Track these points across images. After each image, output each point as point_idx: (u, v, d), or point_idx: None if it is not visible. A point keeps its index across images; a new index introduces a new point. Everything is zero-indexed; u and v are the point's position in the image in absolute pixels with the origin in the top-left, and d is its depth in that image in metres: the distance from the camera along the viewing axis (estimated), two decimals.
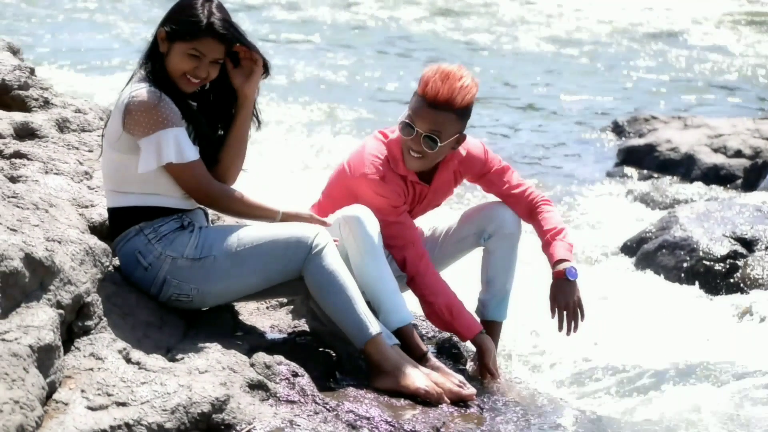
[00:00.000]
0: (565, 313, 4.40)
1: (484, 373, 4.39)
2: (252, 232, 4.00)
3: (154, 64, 3.97)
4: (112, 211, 4.04)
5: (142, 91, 3.90)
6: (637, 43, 17.89)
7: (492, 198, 4.64)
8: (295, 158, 10.13)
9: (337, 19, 18.84)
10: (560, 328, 4.42)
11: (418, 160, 4.31)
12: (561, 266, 4.41)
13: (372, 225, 4.15)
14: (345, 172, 4.37)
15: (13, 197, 3.84)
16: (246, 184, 4.19)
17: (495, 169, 4.54)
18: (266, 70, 4.09)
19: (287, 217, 4.07)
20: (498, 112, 12.77)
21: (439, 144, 4.25)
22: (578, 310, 4.41)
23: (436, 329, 4.65)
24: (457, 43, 17.13)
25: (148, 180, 3.95)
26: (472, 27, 18.57)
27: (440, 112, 4.23)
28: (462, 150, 4.46)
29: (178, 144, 3.90)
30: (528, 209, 4.54)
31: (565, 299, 4.39)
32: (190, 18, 3.92)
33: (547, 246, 4.48)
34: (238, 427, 3.44)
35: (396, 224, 4.30)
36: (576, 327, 4.43)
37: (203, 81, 3.99)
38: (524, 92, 14.01)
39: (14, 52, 5.43)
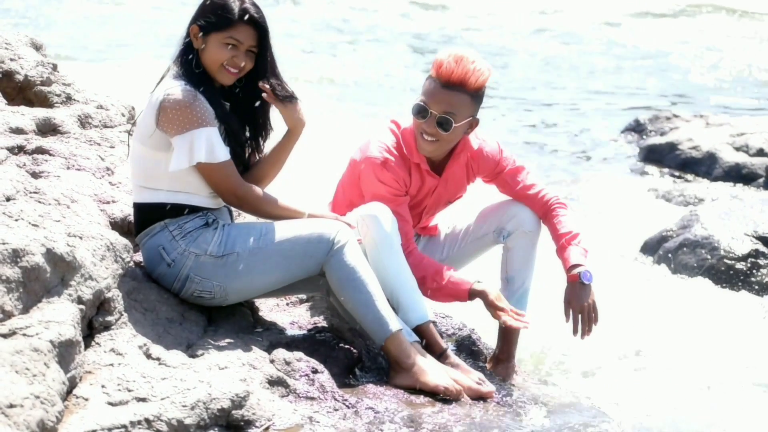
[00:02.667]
0: (579, 316, 4.38)
1: (496, 315, 4.26)
2: (274, 229, 4.01)
3: (189, 62, 3.99)
4: (138, 206, 4.06)
5: (177, 89, 3.91)
6: (658, 39, 17.82)
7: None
8: (307, 157, 10.11)
9: (341, 15, 18.87)
10: (575, 332, 4.39)
11: (431, 144, 4.30)
12: (576, 270, 4.39)
13: (389, 223, 4.15)
14: (353, 159, 4.39)
15: (35, 193, 3.86)
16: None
17: (509, 168, 4.52)
18: (290, 100, 4.10)
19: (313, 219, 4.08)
20: (515, 110, 12.74)
21: (453, 125, 4.25)
22: (593, 314, 4.39)
23: (456, 326, 4.64)
24: (465, 43, 17.10)
25: (177, 177, 3.96)
26: (482, 27, 18.55)
27: (454, 93, 4.23)
28: (475, 143, 4.45)
29: (210, 144, 3.91)
30: (543, 211, 4.52)
31: (579, 303, 4.36)
32: (224, 7, 3.96)
33: (561, 251, 4.46)
34: (257, 424, 3.45)
35: (394, 214, 4.27)
36: (590, 331, 4.40)
37: (241, 72, 4.01)
38: (540, 91, 13.97)
39: (37, 47, 5.43)
